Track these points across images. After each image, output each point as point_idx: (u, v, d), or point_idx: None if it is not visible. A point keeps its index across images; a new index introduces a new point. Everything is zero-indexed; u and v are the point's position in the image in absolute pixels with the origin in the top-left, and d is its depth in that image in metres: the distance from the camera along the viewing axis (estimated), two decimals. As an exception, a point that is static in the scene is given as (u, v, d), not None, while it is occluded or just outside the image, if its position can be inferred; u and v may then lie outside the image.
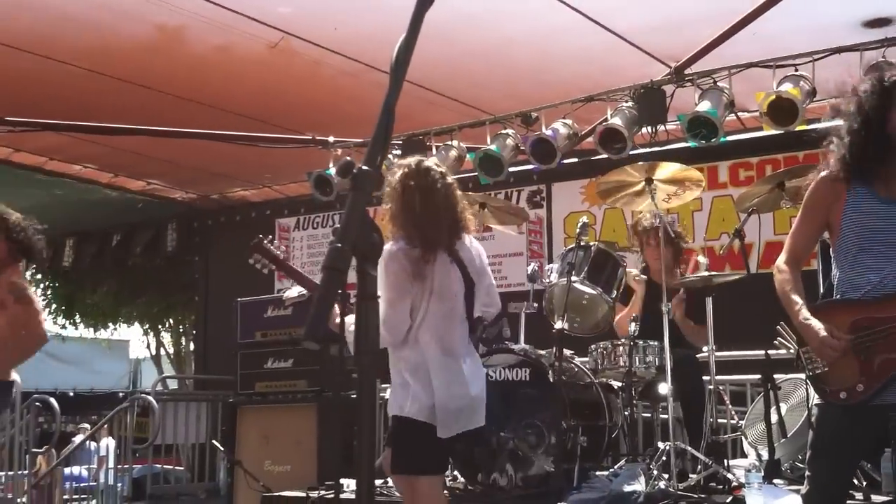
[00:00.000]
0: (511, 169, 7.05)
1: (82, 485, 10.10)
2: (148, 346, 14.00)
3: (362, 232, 1.77)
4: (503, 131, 6.92)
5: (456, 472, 4.96)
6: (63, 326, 13.57)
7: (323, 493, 4.95)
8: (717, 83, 5.96)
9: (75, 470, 10.50)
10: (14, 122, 7.62)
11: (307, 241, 9.88)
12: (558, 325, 4.75)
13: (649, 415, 4.80)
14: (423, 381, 3.60)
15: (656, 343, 4.64)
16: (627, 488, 4.15)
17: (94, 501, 9.29)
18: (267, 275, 9.43)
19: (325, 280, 1.73)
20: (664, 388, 4.45)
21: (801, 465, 4.71)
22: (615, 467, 4.54)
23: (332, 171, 7.57)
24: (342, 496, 4.81)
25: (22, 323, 4.60)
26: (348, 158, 7.28)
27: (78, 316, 13.10)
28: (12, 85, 7.06)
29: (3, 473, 8.52)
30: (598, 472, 4.60)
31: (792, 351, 5.19)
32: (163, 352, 13.72)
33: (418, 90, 6.92)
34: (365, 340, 1.76)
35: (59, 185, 9.42)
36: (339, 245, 1.72)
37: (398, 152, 7.27)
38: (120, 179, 9.65)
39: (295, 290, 6.35)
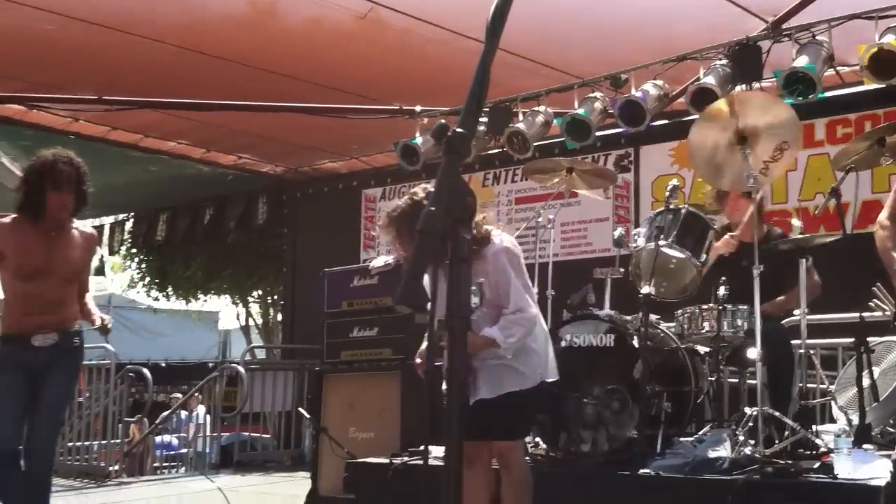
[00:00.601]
0: (598, 133, 6.95)
1: (172, 452, 10.40)
2: (237, 317, 14.27)
3: (456, 195, 1.74)
4: (591, 95, 6.81)
5: (538, 439, 4.93)
6: (156, 299, 13.93)
7: (406, 459, 4.97)
8: (816, 37, 5.75)
9: (166, 438, 10.81)
10: (110, 101, 7.84)
11: (394, 212, 9.92)
12: (645, 289, 4.65)
13: (736, 380, 4.68)
14: (543, 344, 3.92)
15: (745, 307, 4.52)
16: (712, 454, 4.06)
17: (183, 468, 9.55)
18: (355, 245, 9.64)
19: (419, 244, 1.72)
20: (753, 353, 4.32)
21: (892, 430, 4.57)
22: (699, 433, 4.44)
23: (419, 140, 7.58)
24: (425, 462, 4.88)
25: None
26: (442, 122, 7.25)
27: (170, 288, 13.42)
28: (108, 64, 7.25)
29: (97, 442, 8.82)
30: (681, 439, 4.51)
31: (888, 312, 5.03)
32: (251, 322, 13.97)
33: (504, 56, 6.84)
34: (457, 304, 1.74)
35: (153, 161, 9.66)
36: (434, 208, 1.70)
37: (485, 120, 7.23)
38: (212, 154, 9.84)
39: (381, 260, 6.41)
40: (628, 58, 6.61)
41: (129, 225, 12.16)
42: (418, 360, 4.09)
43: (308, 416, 6.37)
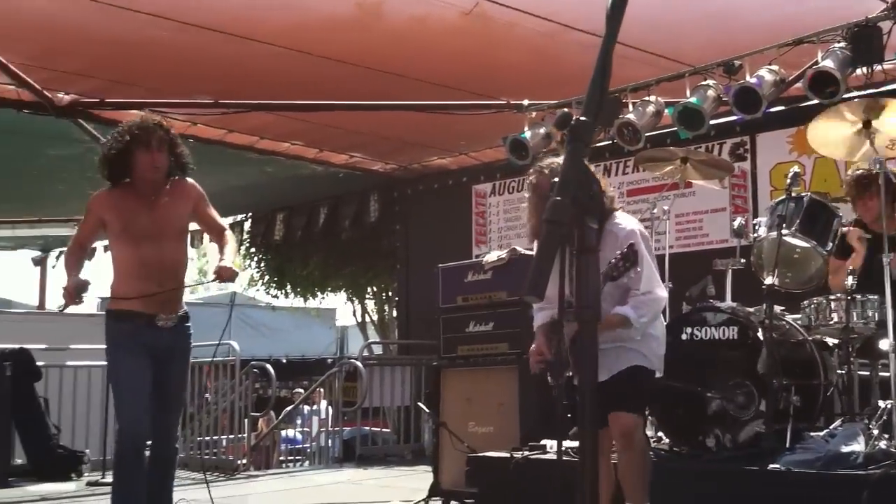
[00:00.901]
0: (712, 122, 6.80)
1: (296, 446, 10.65)
2: (354, 314, 14.52)
3: (582, 184, 1.74)
4: (704, 82, 6.66)
5: (661, 434, 4.87)
6: (275, 297, 14.28)
7: (526, 453, 4.98)
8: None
9: (290, 432, 11.09)
10: (227, 105, 8.03)
11: (503, 206, 9.95)
12: (768, 280, 4.53)
13: (867, 373, 4.52)
14: (662, 334, 3.98)
15: (876, 297, 4.35)
16: (845, 449, 3.93)
17: (307, 462, 9.76)
18: (466, 240, 9.68)
19: (546, 234, 1.71)
20: (885, 344, 4.16)
21: None
22: (830, 427, 4.31)
23: (527, 134, 7.55)
24: (544, 456, 4.88)
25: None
26: (566, 110, 7.20)
27: (288, 287, 13.73)
28: (223, 69, 7.45)
29: (224, 437, 9.10)
30: (812, 433, 4.39)
31: None
32: (367, 319, 14.18)
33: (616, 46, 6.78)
34: (585, 295, 1.74)
35: (269, 162, 9.88)
36: (559, 198, 1.70)
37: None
38: (324, 154, 10.01)
39: (494, 255, 6.43)
40: (741, 43, 6.42)
41: (247, 225, 12.49)
42: (536, 354, 4.03)
43: (427, 410, 6.44)
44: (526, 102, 7.68)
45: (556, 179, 1.76)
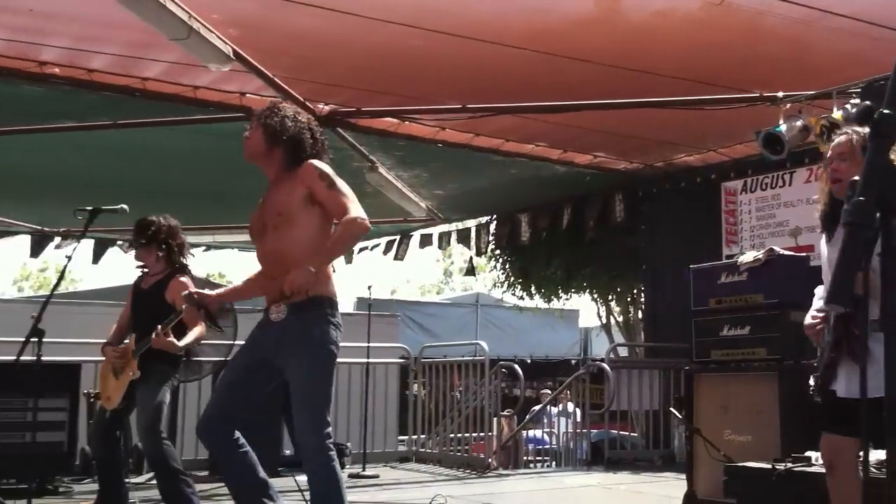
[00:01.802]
0: None
1: (542, 447, 10.70)
2: (598, 315, 14.40)
3: (887, 182, 1.62)
4: None
5: None
6: (521, 298, 14.42)
7: (790, 465, 4.73)
8: None
9: (535, 433, 11.16)
10: (473, 109, 8.20)
11: (755, 205, 9.52)
12: None
13: None
14: None
15: None
16: None
17: (553, 463, 9.78)
18: (715, 240, 9.38)
19: (849, 237, 1.61)
20: None
21: None
22: None
23: (783, 127, 7.19)
24: (811, 469, 4.60)
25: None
26: (867, 103, 6.77)
27: (533, 287, 13.82)
28: (469, 74, 7.62)
29: (472, 434, 9.30)
30: None
31: None
32: (612, 320, 14.03)
33: (877, 30, 6.32)
34: (892, 302, 1.62)
35: (513, 164, 9.98)
36: (862, 198, 1.59)
37: (856, 101, 6.72)
38: (568, 154, 10.00)
39: (750, 255, 6.16)
40: None
41: (492, 227, 12.69)
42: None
43: (680, 416, 6.27)
44: (780, 94, 7.31)
45: (857, 178, 1.65)
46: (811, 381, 3.70)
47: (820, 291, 3.73)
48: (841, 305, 1.61)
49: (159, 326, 5.17)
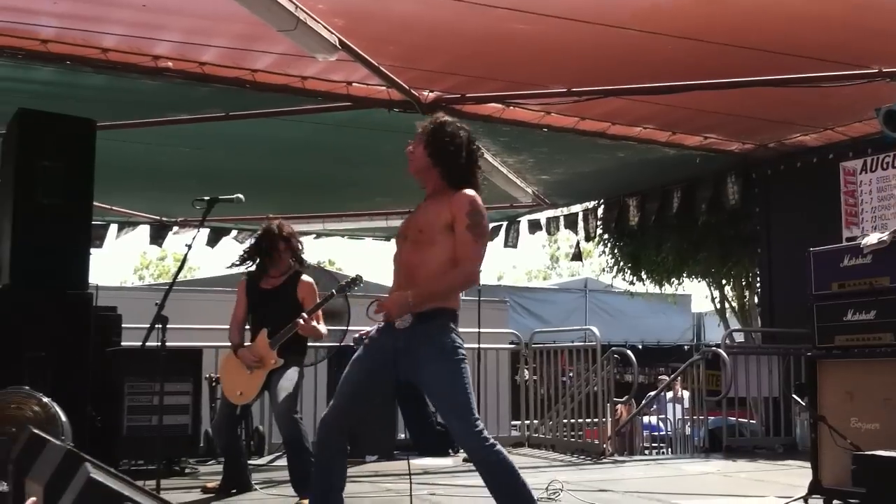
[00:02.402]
0: None
1: (658, 433, 10.55)
2: (711, 300, 14.09)
3: None
4: None
5: None
6: (631, 283, 14.22)
7: (922, 454, 4.54)
8: None
9: (651, 419, 11.01)
10: (579, 93, 8.09)
11: (876, 185, 9.14)
12: None
13: None
14: None
15: None
16: None
17: (669, 450, 9.63)
18: (834, 222, 9.08)
19: None
20: None
21: None
22: None
23: (905, 103, 6.89)
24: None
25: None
26: None
27: (643, 272, 13.60)
28: (575, 57, 7.53)
29: (586, 420, 9.22)
30: None
31: None
32: (726, 305, 13.72)
33: None
34: None
35: (620, 147, 9.83)
36: None
37: None
38: (677, 136, 9.78)
39: (874, 237, 5.91)
40: None
41: (600, 211, 12.54)
42: None
43: (803, 403, 6.08)
44: (902, 70, 7.01)
45: None
46: None
47: None
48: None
49: (304, 314, 5.75)
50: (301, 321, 5.73)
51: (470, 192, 4.03)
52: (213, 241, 13.75)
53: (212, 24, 6.85)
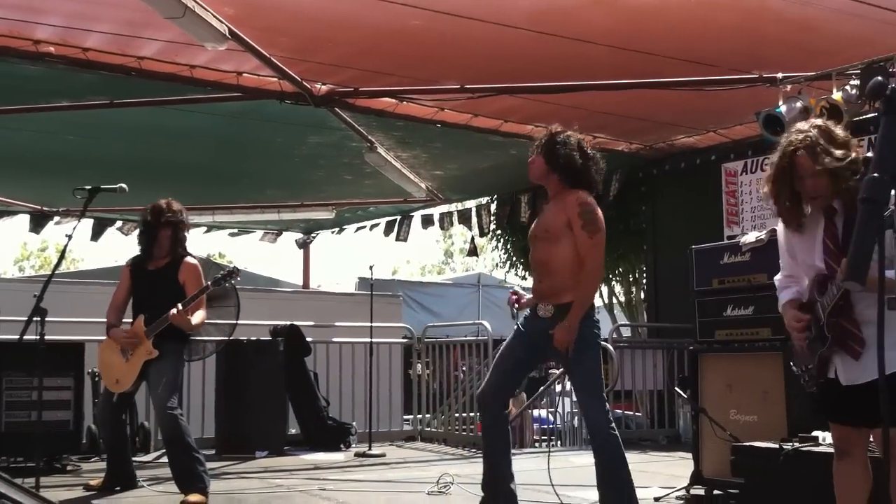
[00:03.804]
0: None
1: (548, 426, 10.70)
2: (600, 295, 14.37)
3: None
4: None
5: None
6: (523, 278, 14.39)
7: (797, 445, 4.73)
8: None
9: (541, 412, 11.15)
10: (473, 90, 8.15)
11: (756, 185, 9.50)
12: None
13: None
14: None
15: None
16: None
17: (559, 442, 9.79)
18: (716, 221, 9.37)
19: (864, 214, 1.60)
20: None
21: None
22: None
23: (783, 108, 7.17)
24: (818, 449, 4.60)
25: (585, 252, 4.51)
26: (878, 79, 6.74)
27: (534, 267, 13.73)
28: (469, 54, 7.58)
29: (476, 414, 9.30)
30: None
31: None
32: (614, 301, 14.03)
33: (878, 12, 6.28)
34: None
35: (513, 145, 9.93)
36: (877, 175, 1.57)
37: (856, 82, 6.72)
38: (569, 136, 9.93)
39: (752, 235, 6.13)
40: None
41: (493, 207, 12.65)
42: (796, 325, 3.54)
43: (685, 396, 6.26)
44: (780, 76, 7.30)
45: (870, 154, 1.63)
46: (793, 367, 3.67)
47: (783, 282, 3.66)
48: (859, 283, 1.58)
49: (180, 304, 5.45)
50: (174, 312, 5.45)
51: (582, 192, 4.59)
52: (97, 233, 13.34)
53: (96, 9, 6.63)
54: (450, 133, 9.53)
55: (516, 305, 4.94)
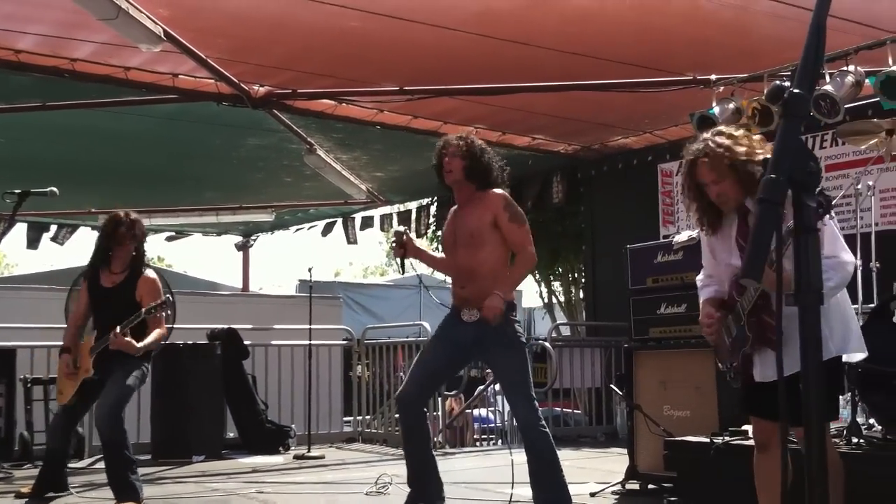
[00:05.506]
0: (919, 91, 6.34)
1: (488, 425, 10.78)
2: (539, 295, 14.49)
3: (798, 160, 1.67)
4: (908, 49, 6.23)
5: (872, 421, 4.62)
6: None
7: (728, 438, 4.84)
8: None
9: (482, 412, 11.23)
10: (411, 91, 8.19)
11: (691, 185, 9.67)
12: None
13: None
14: (847, 308, 3.48)
15: None
16: None
17: (500, 441, 9.87)
18: (653, 220, 9.51)
19: (761, 213, 1.66)
20: None
21: None
22: None
23: (716, 110, 7.31)
24: (748, 442, 4.72)
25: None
26: (778, 83, 6.88)
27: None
28: (408, 56, 7.61)
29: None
30: None
31: None
32: (554, 300, 14.16)
33: (809, 15, 6.44)
34: (807, 278, 1.67)
35: (454, 146, 9.98)
36: (774, 176, 1.64)
37: (787, 84, 6.87)
38: (507, 137, 10.03)
39: (684, 235, 6.26)
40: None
41: (433, 209, 12.70)
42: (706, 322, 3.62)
43: (620, 393, 6.37)
44: (713, 77, 7.42)
45: (769, 156, 1.70)
46: (719, 364, 3.75)
47: (703, 282, 3.75)
48: (755, 280, 1.65)
49: (118, 327, 5.21)
50: (112, 336, 5.20)
51: (498, 190, 4.65)
52: (33, 241, 13.05)
53: (28, 11, 6.53)
54: (389, 135, 9.55)
55: (403, 252, 4.79)
